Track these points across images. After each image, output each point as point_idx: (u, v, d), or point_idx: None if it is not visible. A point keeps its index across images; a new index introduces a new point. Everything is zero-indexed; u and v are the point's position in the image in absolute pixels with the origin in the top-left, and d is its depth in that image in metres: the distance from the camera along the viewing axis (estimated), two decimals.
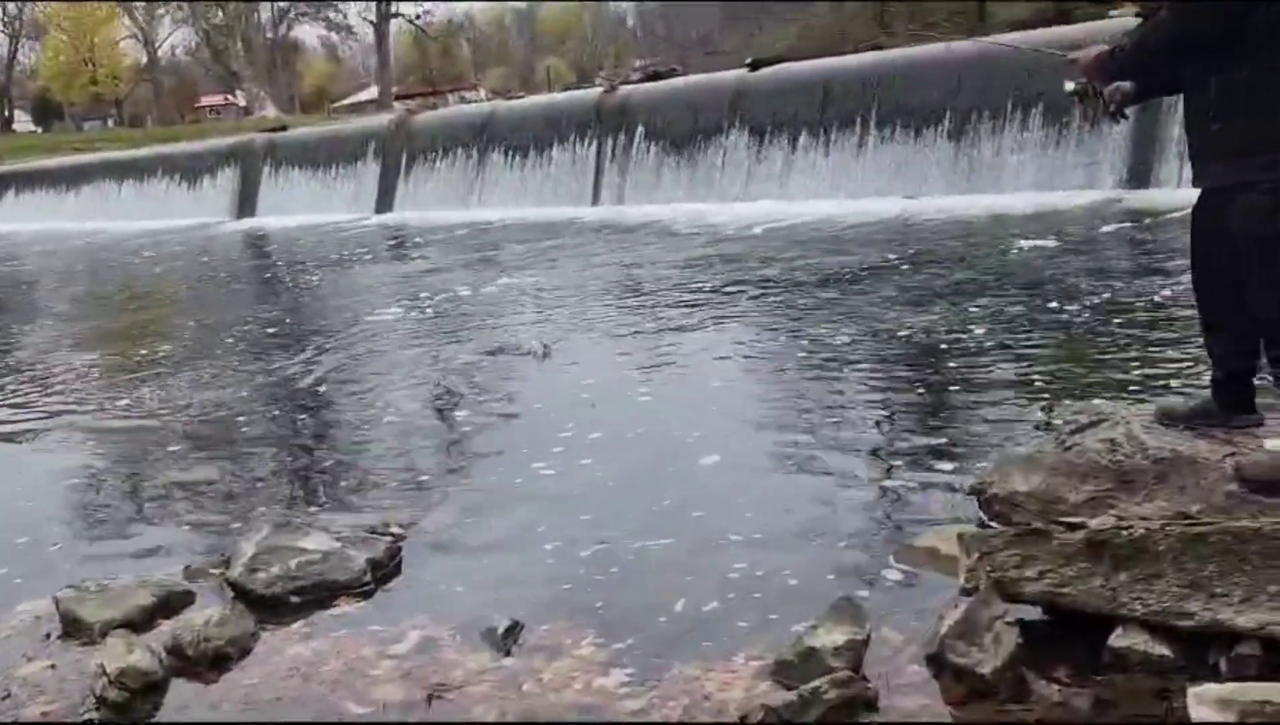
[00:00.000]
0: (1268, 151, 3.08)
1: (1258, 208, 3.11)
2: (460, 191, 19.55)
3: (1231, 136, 3.16)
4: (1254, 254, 3.16)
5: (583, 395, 5.96)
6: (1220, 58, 3.12)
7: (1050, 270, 8.26)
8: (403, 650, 3.19)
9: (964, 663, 2.77)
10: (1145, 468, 3.35)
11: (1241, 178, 3.13)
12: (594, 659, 3.04)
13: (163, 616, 3.45)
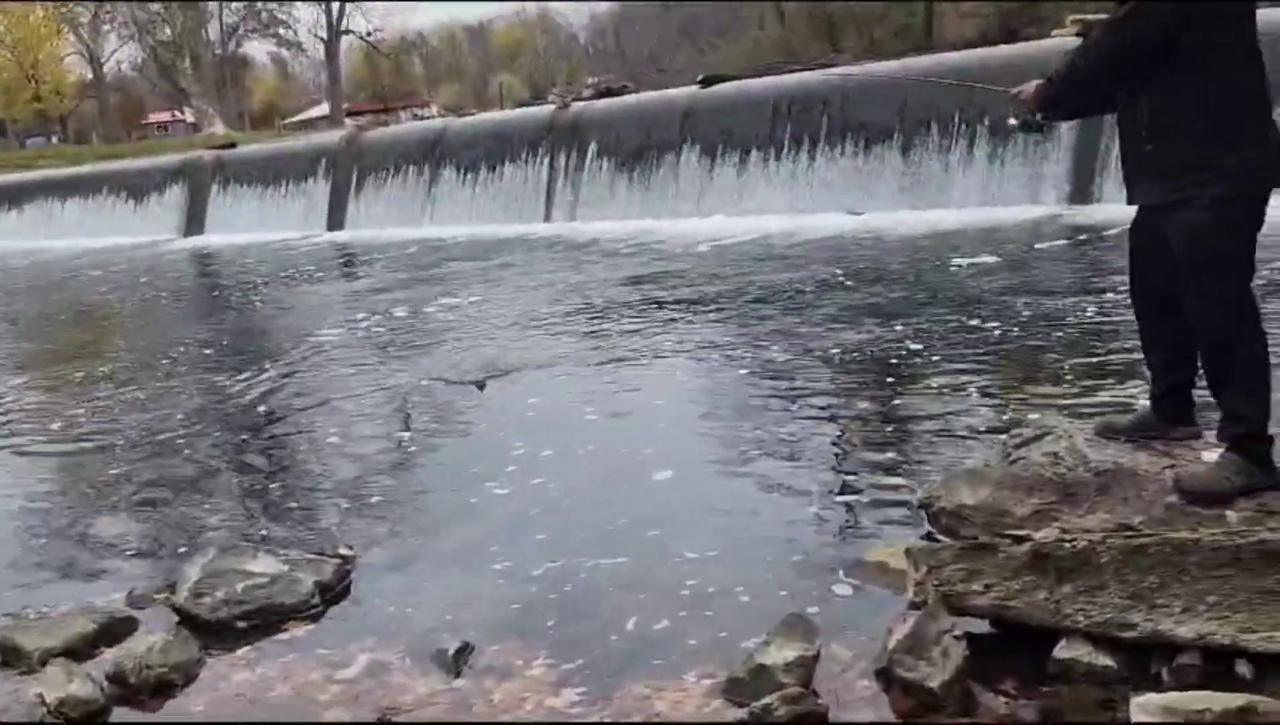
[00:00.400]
0: (1200, 169, 3.15)
1: (1195, 224, 3.18)
2: (412, 209, 19.46)
3: (1165, 155, 3.22)
4: (1191, 270, 3.22)
5: (533, 414, 5.95)
6: (1149, 79, 3.19)
7: (994, 285, 8.37)
8: (351, 674, 3.16)
9: (912, 677, 2.79)
10: (1088, 480, 3.40)
11: (1176, 195, 3.20)
12: (545, 679, 3.03)
13: (105, 644, 3.39)
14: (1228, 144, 3.14)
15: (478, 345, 7.96)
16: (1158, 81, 3.18)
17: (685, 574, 3.62)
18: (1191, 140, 3.16)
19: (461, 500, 4.60)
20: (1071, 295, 7.63)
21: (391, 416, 6.14)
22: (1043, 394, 5.25)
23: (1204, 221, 3.14)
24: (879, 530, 3.87)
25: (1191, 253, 3.19)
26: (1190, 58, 3.12)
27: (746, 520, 4.08)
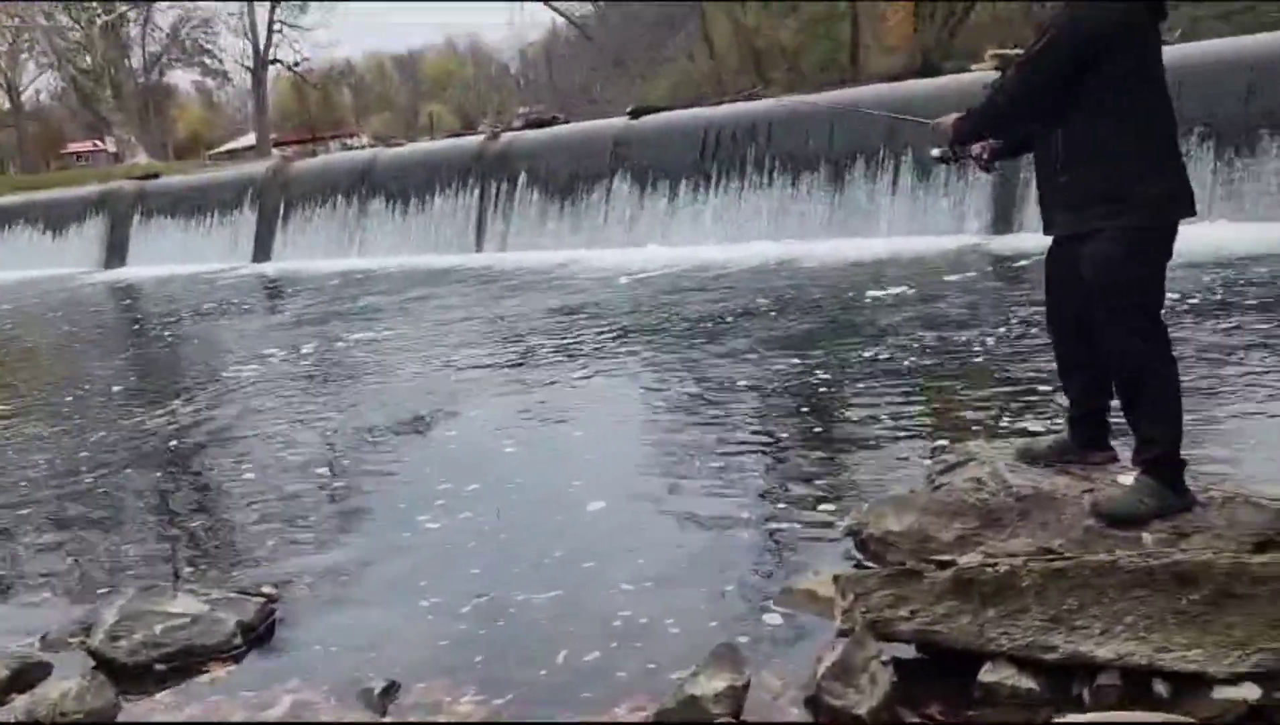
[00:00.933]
0: (1110, 201, 3.24)
1: (1105, 254, 3.27)
2: (340, 240, 19.28)
3: (1077, 187, 3.32)
4: (1104, 298, 3.31)
5: (461, 448, 5.90)
6: (1062, 114, 3.29)
7: (918, 314, 8.51)
8: (275, 715, 3.09)
9: (841, 704, 2.81)
10: (1010, 505, 3.46)
11: (1089, 226, 3.29)
12: (473, 716, 2.99)
13: (16, 690, 3.27)
14: (1137, 176, 3.25)
15: (404, 379, 7.89)
16: (1070, 116, 3.28)
17: (616, 605, 3.61)
18: (1103, 173, 3.26)
19: (387, 536, 4.54)
20: (992, 323, 7.79)
21: (313, 453, 6.04)
22: (966, 420, 5.34)
23: (1114, 251, 3.24)
24: (808, 558, 3.90)
25: (1102, 281, 3.28)
26: (1100, 93, 3.22)
27: (677, 551, 4.08)
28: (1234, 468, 4.17)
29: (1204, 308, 7.42)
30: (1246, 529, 3.23)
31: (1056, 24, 3.27)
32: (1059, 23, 3.27)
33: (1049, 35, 3.26)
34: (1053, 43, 3.25)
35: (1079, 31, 3.21)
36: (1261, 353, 6.04)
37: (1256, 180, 11.00)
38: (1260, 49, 12.13)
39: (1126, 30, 3.23)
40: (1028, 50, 3.34)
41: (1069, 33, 3.23)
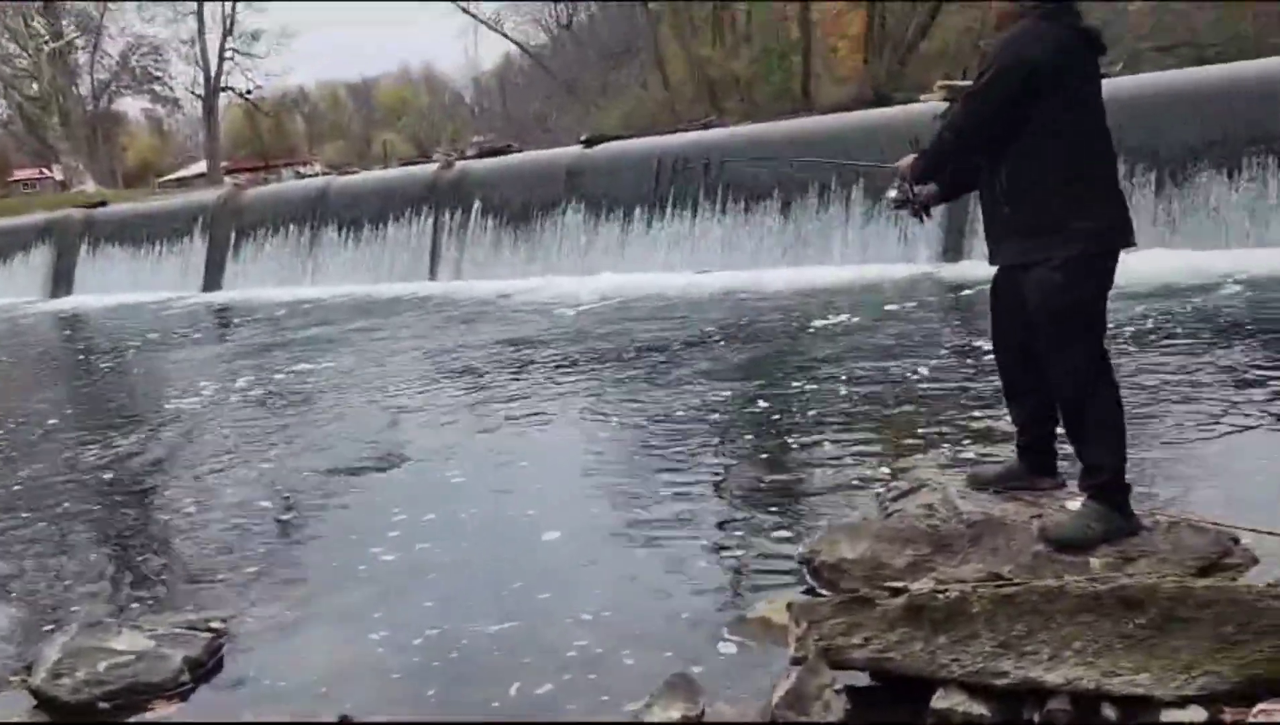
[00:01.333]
0: (1053, 232, 3.32)
1: (1048, 283, 3.34)
2: (293, 268, 19.13)
3: (1021, 219, 3.39)
4: (1047, 326, 3.38)
5: (414, 478, 5.85)
6: (1007, 147, 3.36)
7: (870, 341, 8.60)
8: None
9: None
10: (960, 531, 3.50)
11: (1032, 256, 3.36)
12: None
13: None
14: (1078, 208, 3.32)
15: (354, 409, 7.82)
16: (1014, 149, 3.35)
17: (571, 636, 3.59)
18: (1045, 204, 3.33)
19: (340, 568, 4.49)
20: (942, 350, 7.88)
21: (261, 485, 5.96)
22: (918, 447, 5.39)
23: (1056, 281, 3.31)
24: (762, 586, 3.90)
25: (1046, 310, 3.35)
26: (1042, 125, 3.30)
27: (632, 580, 4.07)
28: (1177, 492, 4.24)
29: (1145, 335, 7.56)
30: (1190, 553, 3.30)
31: (1000, 57, 3.35)
32: (1003, 56, 3.34)
33: (994, 68, 3.34)
34: (997, 75, 3.32)
35: (1022, 64, 3.28)
36: (1202, 380, 6.16)
37: (1196, 210, 11.25)
38: (1200, 82, 12.45)
39: (1066, 63, 3.31)
40: (974, 84, 3.41)
41: (1012, 65, 3.30)
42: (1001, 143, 3.35)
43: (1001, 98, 3.30)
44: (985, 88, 3.34)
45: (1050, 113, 3.28)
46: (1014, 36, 3.35)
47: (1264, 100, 11.23)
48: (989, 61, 3.38)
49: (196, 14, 51.80)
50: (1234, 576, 3.21)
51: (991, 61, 3.36)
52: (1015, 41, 3.33)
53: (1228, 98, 11.56)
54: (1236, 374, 6.21)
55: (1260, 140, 11.05)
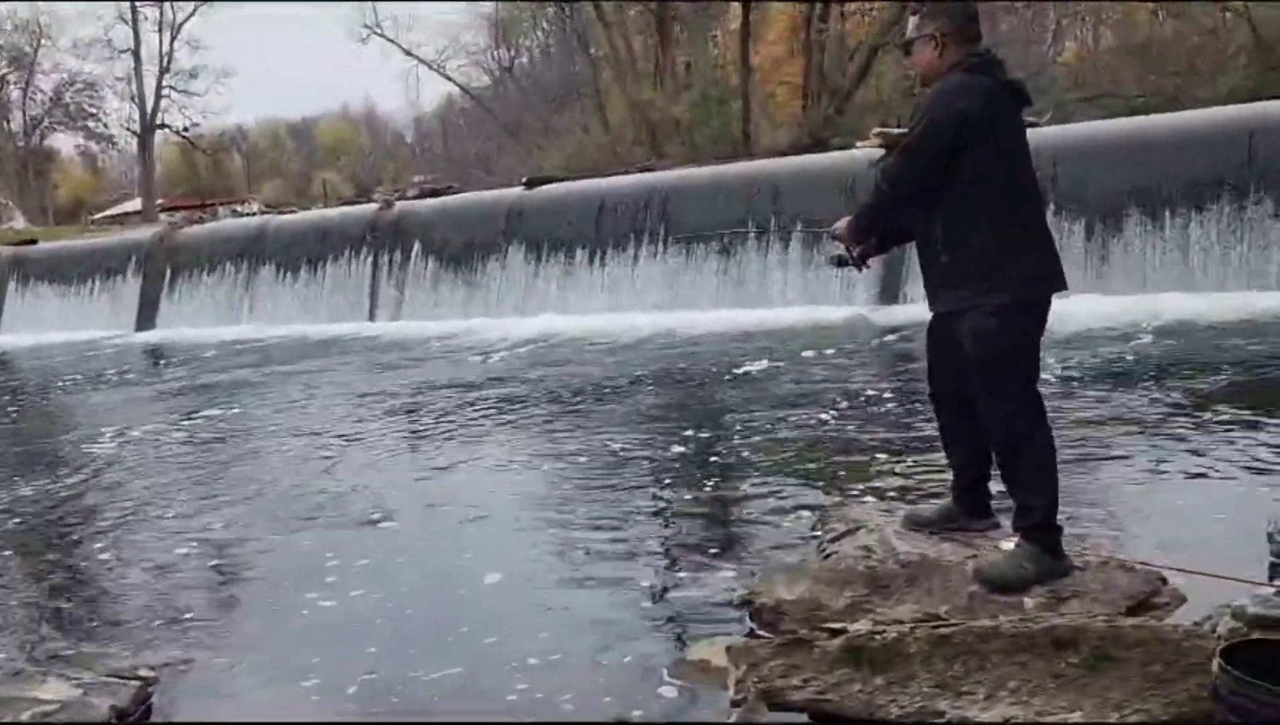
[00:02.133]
0: (986, 278, 3.40)
1: (983, 329, 3.42)
2: (229, 308, 18.90)
3: (957, 266, 3.47)
4: (982, 371, 3.45)
5: (347, 522, 5.75)
6: (941, 197, 3.44)
7: (807, 384, 8.68)
8: None
9: None
10: (897, 572, 3.54)
11: (966, 303, 3.44)
12: None
13: None
14: (1011, 255, 3.41)
15: (287, 451, 7.70)
16: (949, 199, 3.43)
17: (511, 682, 3.55)
18: (980, 252, 3.41)
19: (272, 614, 4.41)
20: (880, 392, 7.98)
21: (190, 530, 5.81)
22: (855, 488, 5.44)
23: (989, 326, 3.38)
24: (702, 629, 3.89)
25: (980, 355, 3.42)
26: (975, 175, 3.39)
27: (573, 624, 4.05)
28: (1107, 533, 4.32)
29: (1074, 379, 7.72)
30: (1120, 592, 3.37)
31: (932, 110, 3.44)
32: (934, 108, 3.43)
33: (926, 121, 3.42)
34: (930, 127, 3.41)
35: (953, 116, 3.37)
36: (1130, 423, 6.30)
37: (1125, 256, 11.56)
38: (1126, 133, 12.84)
39: (995, 114, 3.41)
40: (908, 137, 3.49)
41: (944, 118, 3.39)
42: (936, 193, 3.43)
43: (935, 149, 3.38)
44: (918, 140, 3.42)
45: (982, 162, 3.37)
46: (944, 89, 3.44)
47: (1186, 151, 11.62)
48: (920, 115, 3.47)
49: (133, 51, 51.31)
50: (1162, 616, 3.28)
51: (923, 114, 3.45)
52: (945, 94, 3.42)
53: (1153, 148, 11.94)
54: (1163, 417, 6.36)
55: (1183, 189, 11.42)
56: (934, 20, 3.54)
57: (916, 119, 3.49)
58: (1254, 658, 2.57)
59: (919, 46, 3.58)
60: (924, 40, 3.55)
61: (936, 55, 3.53)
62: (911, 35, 3.61)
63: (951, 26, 3.52)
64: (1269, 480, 4.91)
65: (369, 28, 41.13)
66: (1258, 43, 21.27)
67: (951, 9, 3.58)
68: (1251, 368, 7.63)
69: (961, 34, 3.52)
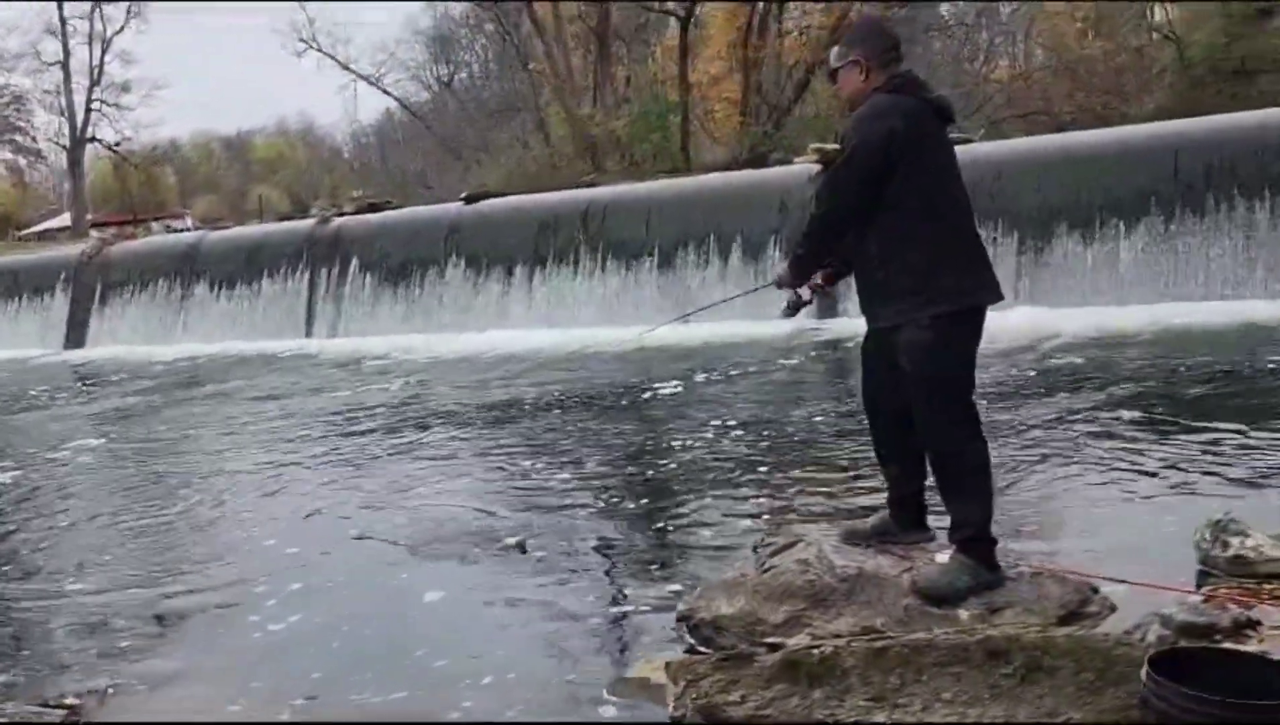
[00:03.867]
0: (922, 292, 3.44)
1: (919, 342, 3.46)
2: (162, 325, 18.56)
3: (893, 281, 3.50)
4: (919, 383, 3.49)
5: (286, 543, 5.66)
6: (875, 216, 3.48)
7: (747, 397, 8.73)
8: None
9: None
10: (834, 586, 3.56)
11: (902, 317, 3.47)
12: None
13: None
14: (945, 268, 3.46)
15: (219, 472, 7.56)
16: (880, 217, 3.47)
17: (452, 700, 3.53)
18: (915, 266, 3.46)
19: (202, 640, 4.32)
20: (819, 405, 8.04)
21: (118, 554, 5.66)
22: (794, 502, 5.47)
23: (925, 338, 3.42)
24: (643, 645, 3.89)
25: (916, 368, 3.46)
26: (906, 192, 3.44)
27: (513, 642, 4.02)
28: (1040, 543, 4.38)
29: (1006, 391, 7.85)
30: (1053, 603, 3.42)
31: (859, 131, 3.48)
32: (862, 129, 3.48)
33: (855, 141, 3.47)
34: (858, 149, 3.45)
35: (881, 136, 3.42)
36: (1060, 434, 6.42)
37: (1056, 269, 11.79)
38: (1056, 149, 13.12)
39: (921, 131, 3.47)
40: (838, 161, 3.52)
41: (872, 138, 3.44)
42: (869, 212, 3.47)
43: (865, 169, 3.42)
44: (848, 162, 3.46)
45: (913, 178, 3.42)
46: (870, 111, 3.49)
47: (1115, 167, 11.91)
48: (849, 137, 3.51)
49: (62, 64, 50.31)
50: (1093, 625, 3.34)
51: (852, 136, 3.49)
52: (871, 115, 3.47)
53: (1082, 164, 12.21)
54: (1093, 428, 6.48)
55: (1111, 204, 11.69)
56: (858, 47, 3.63)
57: (846, 141, 3.53)
58: (1181, 665, 2.62)
59: (844, 73, 3.65)
60: (849, 66, 3.62)
61: (862, 79, 3.60)
62: (837, 63, 3.68)
63: (875, 52, 3.61)
64: (1196, 489, 5.03)
65: (305, 41, 40.78)
66: (1182, 62, 21.88)
67: (874, 36, 3.71)
68: (1178, 379, 7.80)
69: (884, 58, 3.61)
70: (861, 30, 3.88)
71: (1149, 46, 24.89)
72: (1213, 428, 6.14)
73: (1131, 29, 25.79)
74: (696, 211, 14.37)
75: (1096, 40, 26.52)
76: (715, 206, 14.31)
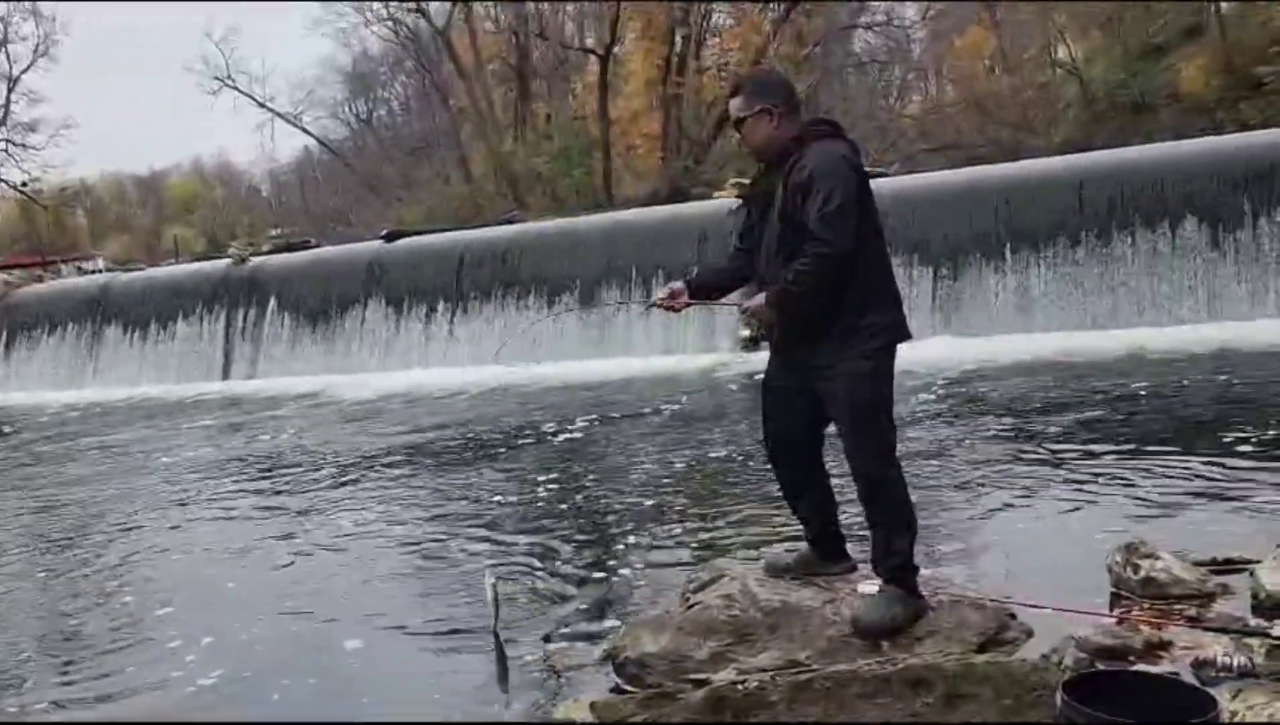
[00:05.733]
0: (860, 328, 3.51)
1: (860, 371, 3.50)
2: (71, 370, 18.09)
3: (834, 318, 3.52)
4: (855, 416, 3.52)
5: (197, 593, 5.50)
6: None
7: (669, 431, 8.75)
8: None
9: None
10: (759, 620, 3.57)
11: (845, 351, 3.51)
12: None
13: None
14: (880, 302, 3.55)
15: (129, 522, 7.32)
16: None
17: None
18: (856, 302, 3.50)
19: (118, 695, 4.17)
20: (742, 437, 8.07)
21: (18, 614, 5.48)
22: (718, 535, 5.48)
23: (867, 368, 3.49)
24: (570, 685, 3.85)
25: (856, 400, 3.50)
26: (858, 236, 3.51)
27: (436, 687, 3.96)
28: (958, 570, 4.44)
29: (924, 419, 7.98)
30: (972, 630, 3.46)
31: (832, 174, 3.44)
32: (833, 173, 3.44)
33: (833, 185, 3.42)
34: (839, 189, 3.43)
35: (850, 177, 3.46)
36: (977, 460, 6.53)
37: (970, 299, 12.06)
38: (966, 181, 13.45)
39: (863, 178, 3.55)
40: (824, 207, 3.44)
41: (848, 178, 3.46)
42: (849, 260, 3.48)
43: (852, 212, 3.45)
44: (841, 204, 3.40)
45: (861, 223, 3.48)
46: (826, 155, 3.48)
47: (1023, 199, 12.24)
48: (818, 182, 3.43)
49: None
50: (1011, 651, 3.38)
51: (822, 181, 3.42)
52: (831, 159, 3.48)
53: (992, 196, 12.53)
54: (1006, 454, 6.61)
55: (1021, 235, 12.01)
56: (765, 97, 3.64)
57: (811, 187, 3.45)
58: (1097, 688, 2.67)
59: (753, 121, 3.64)
60: (758, 115, 3.63)
61: (774, 127, 3.62)
62: (742, 113, 3.66)
63: (782, 99, 3.65)
64: (1107, 513, 5.14)
65: (220, 79, 40.15)
66: (1085, 96, 22.60)
67: (778, 85, 3.76)
68: (1089, 404, 8.00)
69: (791, 105, 3.67)
70: (764, 81, 3.95)
71: (1053, 82, 25.67)
72: (1121, 451, 6.31)
73: (1036, 65, 26.59)
74: (618, 246, 14.45)
75: (1003, 76, 27.29)
76: (637, 241, 14.42)
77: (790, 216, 3.51)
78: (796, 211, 3.49)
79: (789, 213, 3.52)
